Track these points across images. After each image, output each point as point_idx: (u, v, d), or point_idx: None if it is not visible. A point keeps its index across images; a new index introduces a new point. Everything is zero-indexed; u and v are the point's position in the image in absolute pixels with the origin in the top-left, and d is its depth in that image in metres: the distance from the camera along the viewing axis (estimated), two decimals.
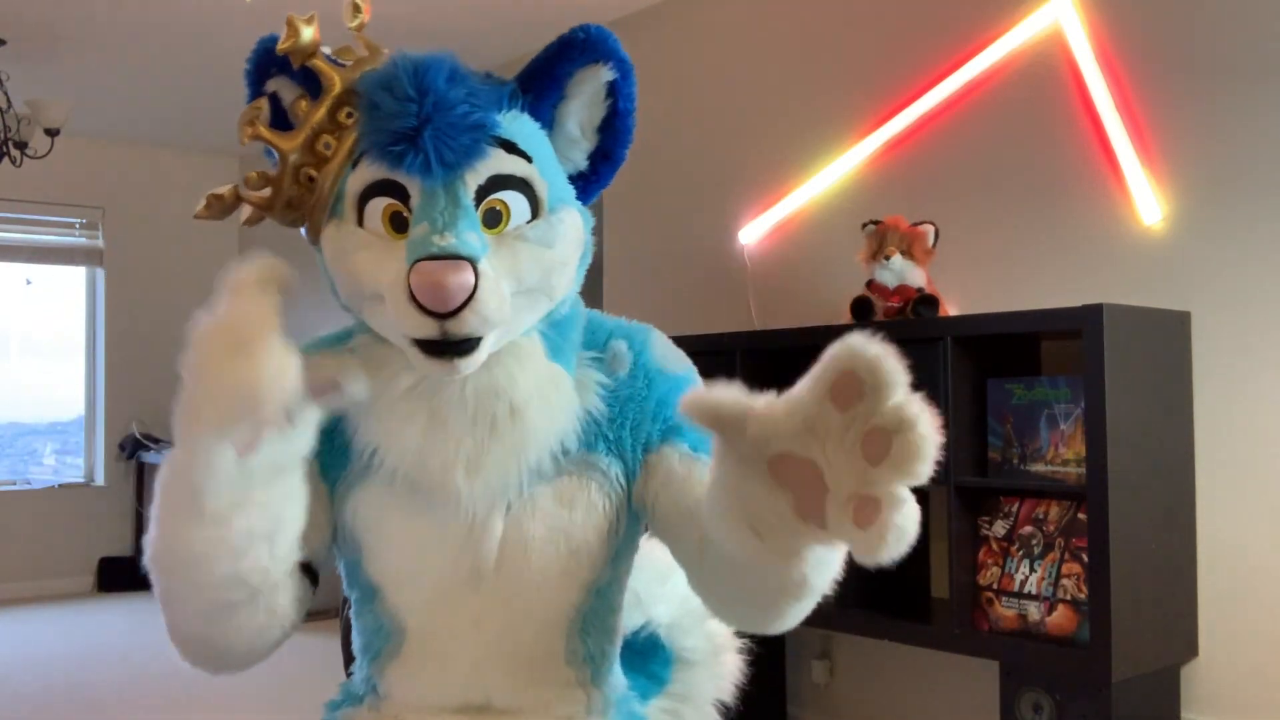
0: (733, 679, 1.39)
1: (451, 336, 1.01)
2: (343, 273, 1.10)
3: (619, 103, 1.17)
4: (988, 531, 2.58)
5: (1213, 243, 2.54)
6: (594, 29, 1.12)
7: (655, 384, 1.17)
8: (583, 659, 1.17)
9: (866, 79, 3.27)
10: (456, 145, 1.03)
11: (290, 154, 1.09)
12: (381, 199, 1.06)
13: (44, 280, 6.13)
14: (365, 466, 1.12)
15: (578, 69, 1.13)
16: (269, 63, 1.11)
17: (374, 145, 1.05)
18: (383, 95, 1.04)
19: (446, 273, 0.98)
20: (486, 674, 1.15)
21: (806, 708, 3.34)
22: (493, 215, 1.07)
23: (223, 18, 4.07)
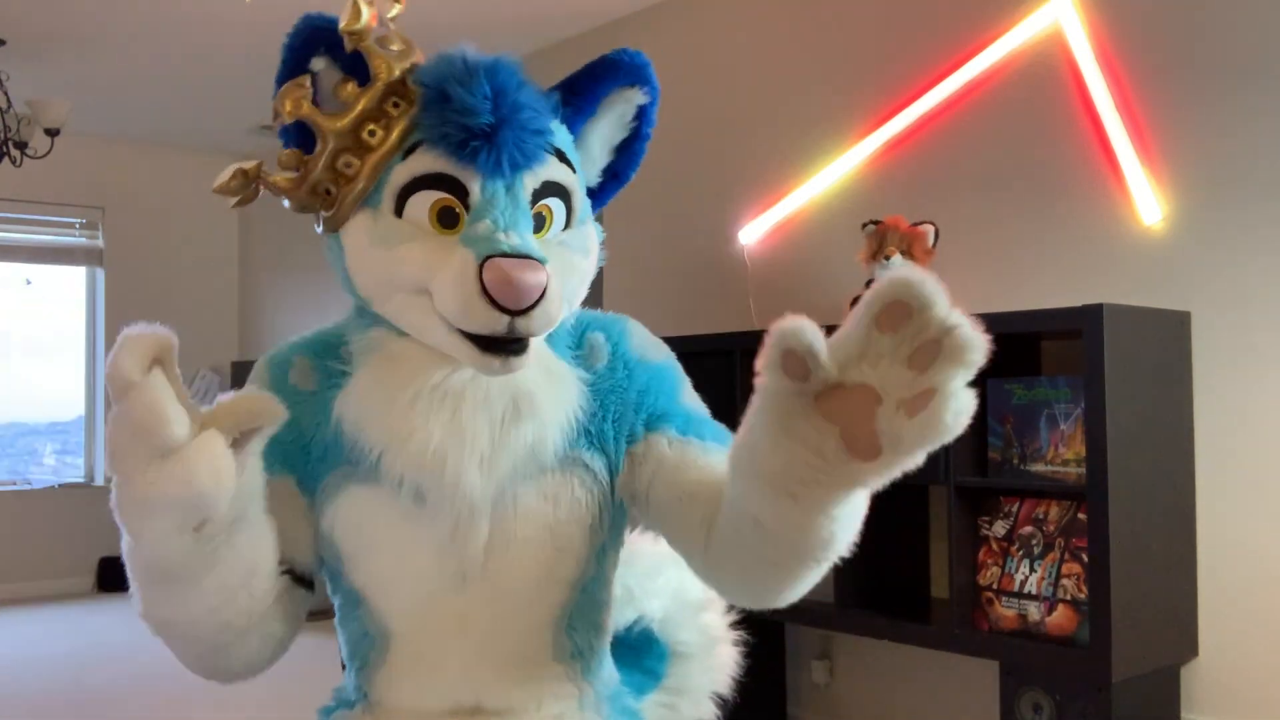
0: (728, 671, 1.39)
1: (517, 333, 1.01)
2: (380, 262, 1.07)
3: (642, 126, 1.20)
4: (988, 531, 2.58)
5: (1213, 243, 2.54)
6: (636, 54, 1.15)
7: (635, 374, 1.17)
8: (571, 655, 1.17)
9: (866, 79, 3.27)
10: (526, 148, 1.05)
11: (333, 137, 1.06)
12: (431, 192, 1.05)
13: (44, 280, 6.13)
14: (346, 474, 1.11)
15: (614, 89, 1.16)
16: (317, 40, 1.09)
17: (442, 137, 1.04)
18: (456, 88, 1.03)
19: (525, 271, 0.98)
20: (476, 675, 1.14)
21: (806, 708, 3.34)
22: (538, 220, 1.08)
23: (223, 18, 4.07)
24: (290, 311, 6.11)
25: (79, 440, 6.18)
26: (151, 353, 0.92)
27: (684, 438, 1.13)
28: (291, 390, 1.14)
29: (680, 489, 1.11)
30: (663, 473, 1.13)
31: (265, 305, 6.34)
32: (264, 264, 6.37)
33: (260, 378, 1.17)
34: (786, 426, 0.84)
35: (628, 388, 1.16)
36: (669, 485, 1.12)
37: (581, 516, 1.12)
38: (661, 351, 1.21)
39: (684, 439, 1.13)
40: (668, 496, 1.12)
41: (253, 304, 6.44)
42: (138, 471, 0.90)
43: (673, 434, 1.14)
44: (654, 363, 1.19)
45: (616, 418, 1.14)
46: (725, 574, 1.10)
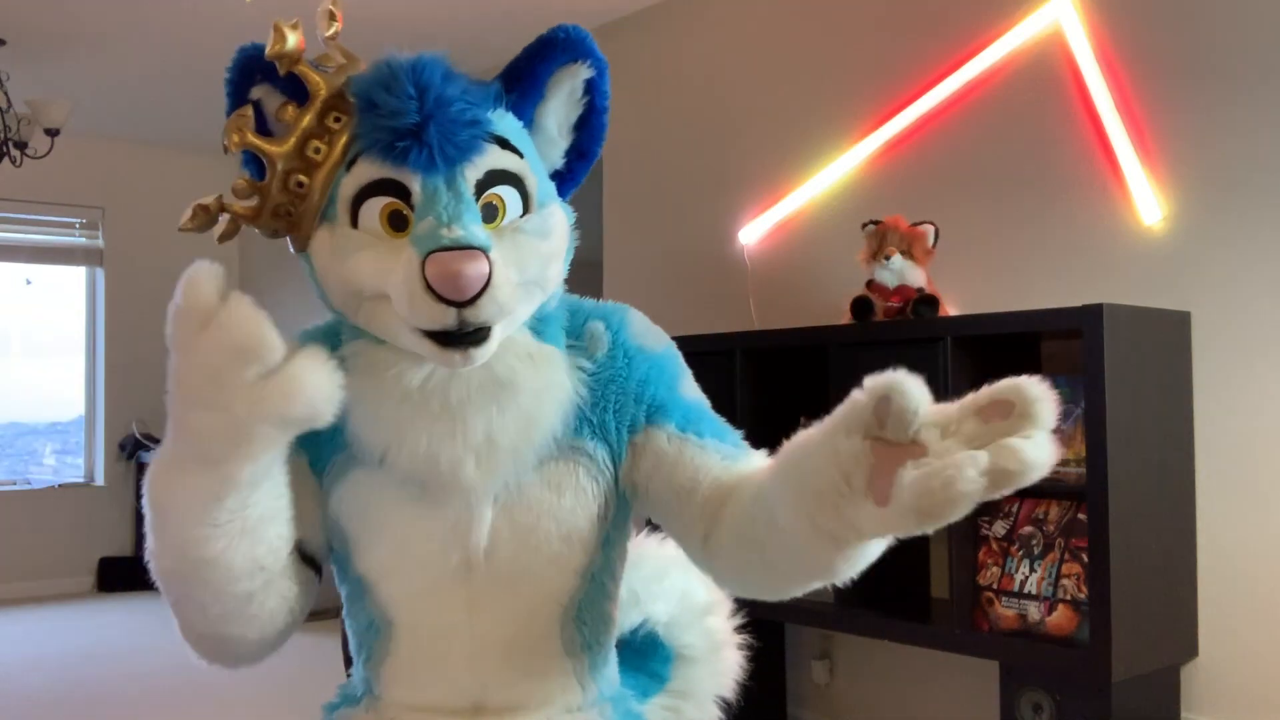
0: (733, 675, 1.40)
1: (468, 325, 1.02)
2: (340, 275, 1.09)
3: (595, 100, 1.18)
4: (988, 531, 2.58)
5: (1213, 243, 2.54)
6: (572, 29, 1.14)
7: (635, 363, 1.17)
8: (580, 648, 1.17)
9: (866, 79, 3.27)
10: (459, 140, 1.05)
11: (280, 160, 1.09)
12: (379, 199, 1.07)
13: (44, 280, 6.13)
14: (351, 456, 1.13)
15: (557, 68, 1.15)
16: (253, 69, 1.12)
17: (375, 143, 1.06)
18: (381, 94, 1.05)
19: (463, 261, 1.00)
20: (481, 668, 1.14)
21: (806, 708, 3.34)
22: (489, 210, 1.08)
23: (222, 18, 4.08)
24: (290, 311, 6.07)
25: (79, 440, 6.18)
26: (222, 281, 0.98)
27: (683, 434, 1.14)
28: None
29: (678, 485, 1.12)
30: (662, 468, 1.14)
31: (265, 305, 6.31)
32: (264, 264, 6.37)
33: None
34: (845, 435, 0.87)
35: (628, 377, 1.16)
36: (667, 480, 1.13)
37: (587, 504, 1.13)
38: (661, 340, 1.22)
39: (683, 436, 1.14)
40: (666, 492, 1.13)
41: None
42: (238, 395, 0.94)
43: (672, 429, 1.15)
44: (653, 352, 1.20)
45: (618, 407, 1.15)
46: (724, 565, 1.12)
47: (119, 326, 6.06)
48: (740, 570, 1.11)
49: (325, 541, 1.19)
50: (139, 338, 6.08)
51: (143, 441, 5.97)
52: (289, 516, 1.08)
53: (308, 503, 1.15)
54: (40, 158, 4.67)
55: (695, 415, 1.17)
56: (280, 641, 1.16)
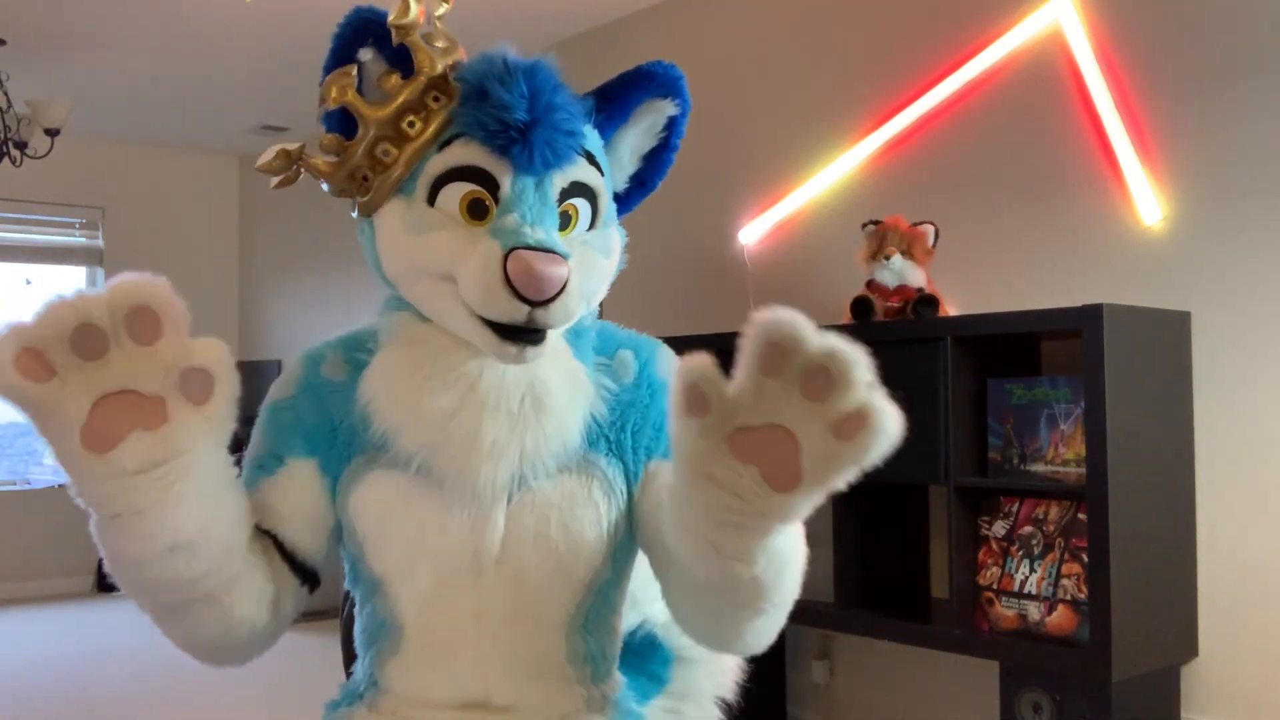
0: (733, 675, 1.40)
1: (535, 324, 1.04)
2: (410, 249, 1.11)
3: (671, 138, 1.23)
4: (988, 531, 2.58)
5: (1213, 243, 2.54)
6: (670, 66, 1.19)
7: (658, 396, 1.19)
8: (584, 658, 1.18)
9: (866, 79, 3.27)
10: (558, 147, 1.08)
11: (374, 125, 1.10)
12: (463, 184, 1.09)
13: (44, 280, 6.13)
14: (370, 459, 1.14)
15: (647, 99, 1.20)
16: (365, 33, 1.12)
17: (479, 131, 1.08)
18: (495, 85, 1.07)
19: (548, 264, 1.02)
20: (486, 670, 1.15)
21: (806, 708, 3.34)
22: (564, 218, 1.12)
23: (223, 18, 4.08)
24: (290, 311, 6.11)
25: None
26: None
27: None
28: (323, 381, 1.19)
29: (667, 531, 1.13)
30: (662, 509, 1.13)
31: (265, 305, 6.34)
32: (264, 264, 6.37)
33: (295, 371, 1.22)
34: (701, 470, 0.87)
35: (649, 406, 1.19)
36: (660, 524, 1.13)
37: (598, 518, 1.14)
38: None
39: None
40: (656, 533, 1.14)
41: (253, 304, 6.44)
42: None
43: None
44: None
45: (635, 430, 1.17)
46: (682, 621, 1.15)
47: None
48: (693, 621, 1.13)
49: (324, 546, 1.19)
50: None
51: None
52: (211, 551, 1.04)
53: (305, 506, 1.16)
54: (40, 158, 4.67)
55: None
56: (251, 649, 1.16)
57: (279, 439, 1.19)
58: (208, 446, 0.99)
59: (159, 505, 0.96)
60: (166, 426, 0.94)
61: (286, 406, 1.20)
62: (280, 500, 1.17)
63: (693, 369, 0.85)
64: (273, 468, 1.18)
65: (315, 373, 1.20)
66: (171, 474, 0.96)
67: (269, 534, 1.16)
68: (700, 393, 0.84)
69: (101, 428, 0.93)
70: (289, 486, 1.17)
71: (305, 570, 1.18)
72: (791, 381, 0.82)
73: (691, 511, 0.90)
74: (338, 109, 1.10)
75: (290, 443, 1.18)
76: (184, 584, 1.03)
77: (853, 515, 2.77)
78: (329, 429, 1.17)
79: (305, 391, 1.20)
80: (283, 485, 1.17)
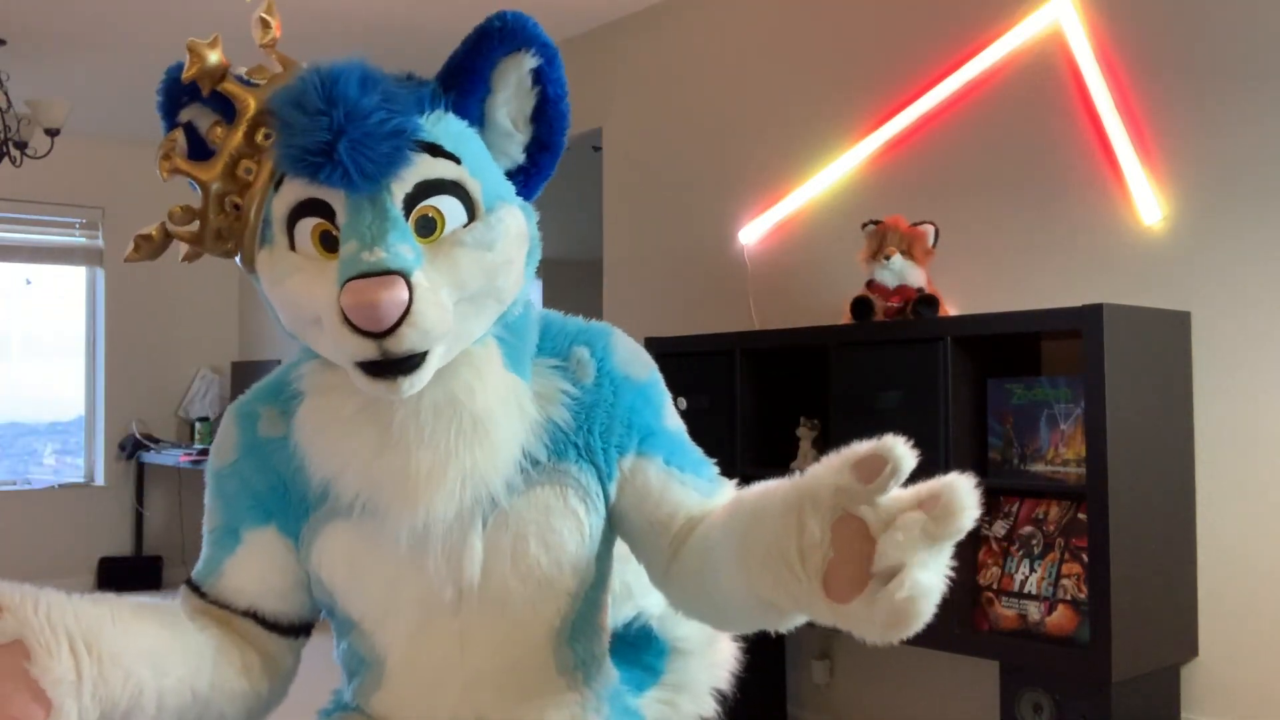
0: (728, 667, 1.39)
1: (391, 355, 0.97)
2: (279, 299, 1.06)
3: (547, 89, 1.10)
4: (988, 531, 2.58)
5: (1213, 243, 2.54)
6: (510, 15, 1.06)
7: (622, 391, 1.15)
8: (573, 666, 1.17)
9: (866, 79, 3.26)
10: (376, 155, 0.98)
11: (211, 183, 1.05)
12: (309, 219, 1.02)
13: (44, 280, 6.12)
14: (327, 510, 1.11)
15: (499, 59, 1.08)
16: (180, 91, 1.08)
17: (291, 163, 1.00)
18: (293, 112, 0.99)
19: (378, 290, 0.94)
20: (476, 697, 1.13)
21: (806, 708, 3.34)
22: (426, 223, 1.02)
23: (222, 18, 4.07)
24: None
25: (79, 440, 6.18)
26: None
27: (668, 469, 1.14)
28: (263, 441, 1.15)
29: (657, 519, 1.13)
30: (646, 502, 1.14)
31: (265, 305, 6.33)
32: None
33: (230, 432, 1.17)
34: (805, 515, 0.87)
35: (615, 404, 1.14)
36: (646, 514, 1.14)
37: (577, 526, 1.11)
38: (646, 367, 1.19)
39: (668, 470, 1.14)
40: (643, 523, 1.14)
41: (253, 304, 6.44)
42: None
43: (660, 463, 1.14)
44: (640, 380, 1.17)
45: (604, 431, 1.13)
46: (678, 597, 1.15)
47: (119, 326, 6.06)
48: (690, 605, 1.14)
49: (305, 601, 1.17)
50: (139, 338, 6.08)
51: (143, 441, 5.97)
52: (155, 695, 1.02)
53: (276, 577, 1.14)
54: (40, 158, 4.66)
55: (679, 448, 1.17)
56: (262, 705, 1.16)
57: (230, 511, 1.16)
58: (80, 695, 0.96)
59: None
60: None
61: (230, 473, 1.16)
62: (247, 579, 1.14)
63: (894, 450, 0.84)
64: (231, 545, 1.14)
65: (253, 431, 1.16)
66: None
67: (248, 613, 1.15)
68: (879, 469, 0.84)
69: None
70: (251, 562, 1.13)
71: (295, 628, 1.18)
72: (917, 534, 0.83)
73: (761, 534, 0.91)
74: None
75: (242, 514, 1.14)
76: (187, 700, 1.05)
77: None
78: (279, 488, 1.13)
79: (247, 454, 1.15)
80: (245, 562, 1.14)
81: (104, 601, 1.02)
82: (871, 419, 2.70)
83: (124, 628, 1.00)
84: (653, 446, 1.15)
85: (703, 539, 1.07)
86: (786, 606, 0.93)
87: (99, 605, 1.01)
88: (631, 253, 4.01)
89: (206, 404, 6.22)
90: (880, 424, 2.90)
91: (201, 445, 5.80)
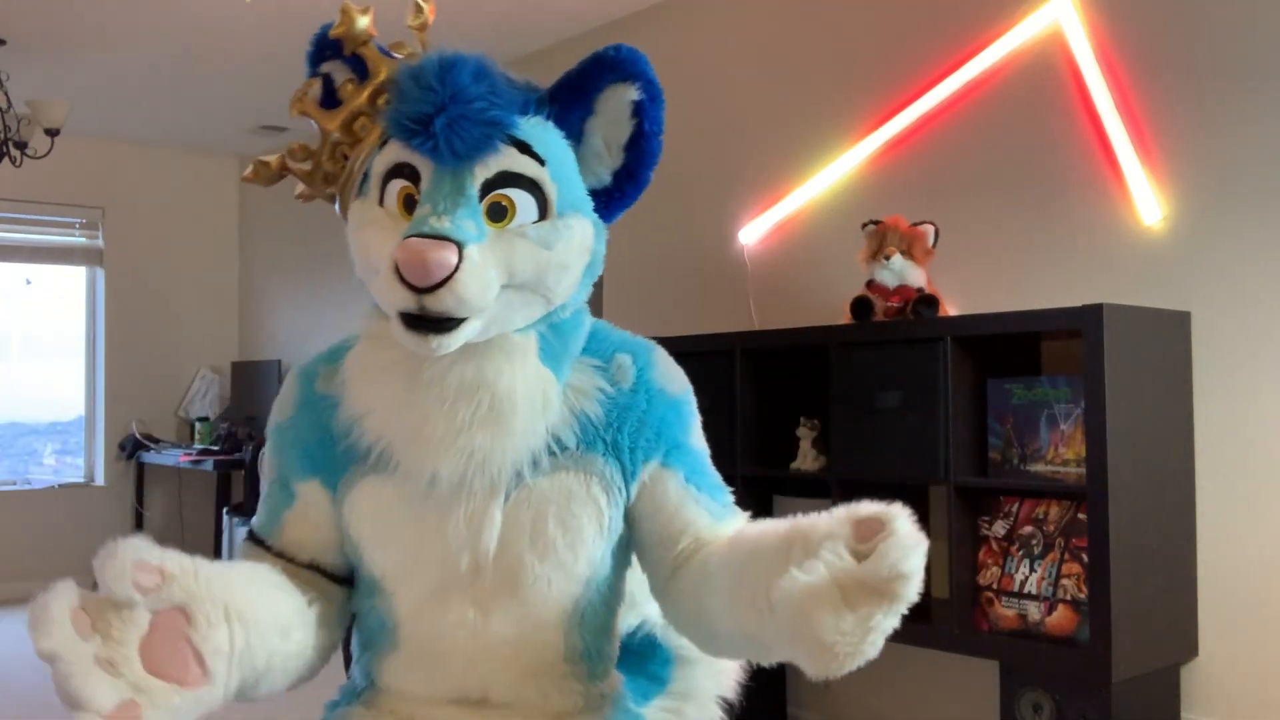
0: (734, 675, 1.40)
1: (428, 312, 1.05)
2: (354, 245, 1.16)
3: (644, 123, 1.19)
4: (988, 531, 2.58)
5: (1213, 243, 2.54)
6: (626, 49, 1.16)
7: (655, 403, 1.21)
8: (580, 655, 1.19)
9: (866, 79, 3.26)
10: (467, 136, 1.07)
11: (330, 131, 1.16)
12: (399, 180, 1.12)
13: (44, 280, 6.12)
14: (365, 465, 1.16)
15: (606, 85, 1.17)
16: (327, 46, 1.18)
17: (395, 127, 1.10)
18: (409, 82, 1.09)
19: (429, 250, 1.02)
20: (484, 668, 1.16)
21: (806, 708, 3.34)
22: (498, 209, 1.10)
23: (223, 18, 4.07)
24: (290, 311, 6.10)
25: (79, 440, 6.18)
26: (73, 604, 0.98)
27: (686, 486, 1.19)
28: (318, 396, 1.22)
29: (667, 533, 1.18)
30: (661, 515, 1.18)
31: (265, 305, 6.34)
32: (264, 264, 6.37)
33: (291, 389, 1.25)
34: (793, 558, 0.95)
35: (647, 411, 1.20)
36: (660, 526, 1.18)
37: (596, 515, 1.15)
38: (681, 384, 1.26)
39: (686, 487, 1.19)
40: (654, 534, 1.19)
41: (253, 304, 6.44)
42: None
43: (681, 479, 1.19)
44: (674, 396, 1.23)
45: (632, 433, 1.18)
46: (672, 614, 1.21)
47: (119, 326, 6.06)
48: (681, 622, 1.20)
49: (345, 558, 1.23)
50: (139, 338, 6.08)
51: (142, 441, 5.97)
52: (276, 627, 1.10)
53: (327, 530, 1.20)
54: (40, 158, 4.67)
55: (700, 468, 1.22)
56: (332, 652, 1.23)
57: (285, 463, 1.23)
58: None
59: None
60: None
61: (288, 427, 1.24)
62: (305, 532, 1.21)
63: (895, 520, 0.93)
64: (288, 500, 1.22)
65: (310, 388, 1.24)
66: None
67: (310, 565, 1.21)
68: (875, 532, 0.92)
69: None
70: (306, 516, 1.21)
71: (351, 578, 1.24)
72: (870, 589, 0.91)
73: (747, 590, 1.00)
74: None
75: (294, 466, 1.22)
76: (299, 653, 1.13)
77: None
78: (329, 443, 1.20)
79: (303, 409, 1.23)
80: (301, 516, 1.21)
81: (245, 570, 1.13)
82: (871, 419, 2.70)
83: (264, 597, 1.10)
84: (676, 461, 1.20)
85: (703, 564, 1.12)
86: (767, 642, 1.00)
87: (244, 574, 1.11)
88: (631, 252, 4.01)
89: (206, 404, 6.22)
90: (880, 424, 2.91)
91: (201, 445, 5.80)
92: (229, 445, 5.59)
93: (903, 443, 2.64)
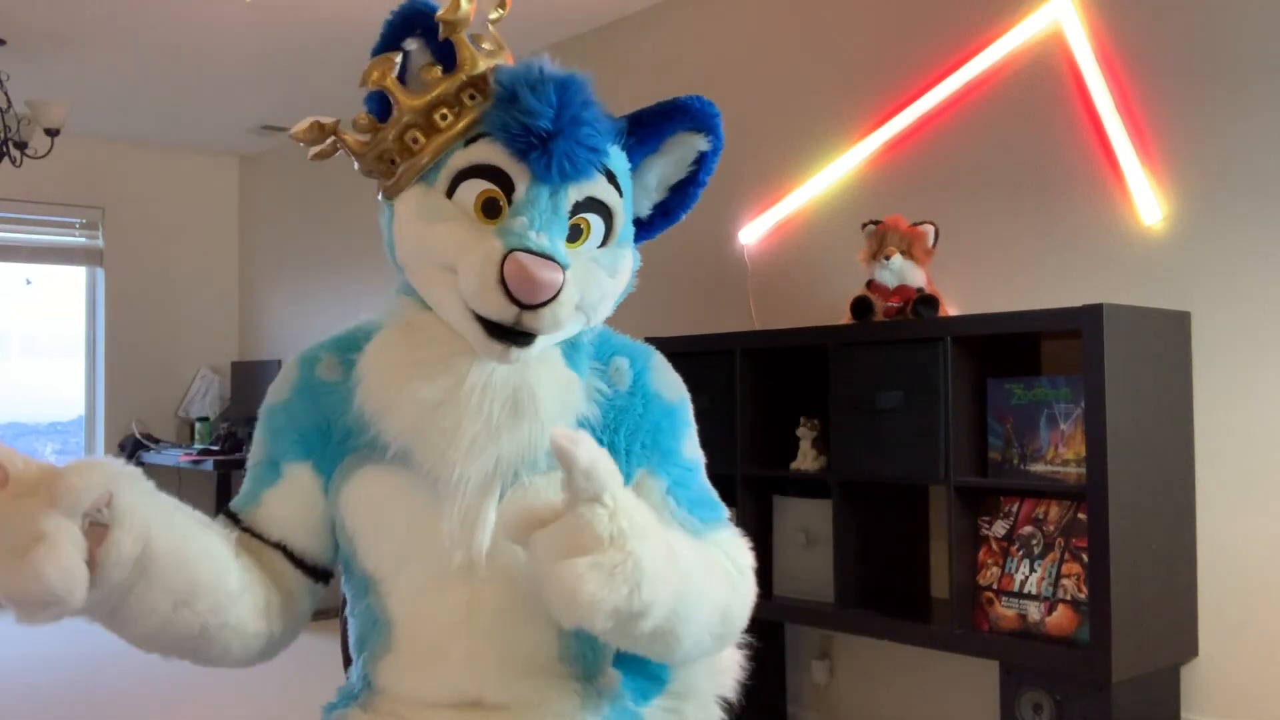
0: (734, 674, 1.40)
1: (523, 327, 1.07)
2: (420, 236, 1.14)
3: (699, 173, 1.27)
4: (988, 531, 2.58)
5: (1213, 243, 2.54)
6: (709, 103, 1.23)
7: (651, 408, 1.22)
8: (576, 655, 1.19)
9: (866, 79, 3.27)
10: (576, 160, 1.10)
11: (407, 112, 1.13)
12: (481, 182, 1.12)
13: (44, 280, 6.13)
14: (362, 456, 1.16)
15: (679, 131, 1.23)
16: (416, 22, 1.16)
17: (502, 133, 1.10)
18: (525, 91, 1.09)
19: (543, 269, 1.04)
20: (479, 667, 1.16)
21: (806, 708, 3.34)
22: (575, 230, 1.14)
23: (223, 18, 4.07)
24: (290, 311, 6.10)
25: (79, 440, 6.18)
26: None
27: (665, 498, 1.20)
28: (317, 382, 1.22)
29: None
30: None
31: (265, 305, 6.34)
32: (264, 264, 6.37)
33: (290, 373, 1.25)
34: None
35: (643, 416, 1.21)
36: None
37: None
38: (678, 391, 1.27)
39: (664, 500, 1.20)
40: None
41: (253, 304, 6.44)
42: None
43: (661, 490, 1.20)
44: (670, 402, 1.25)
45: (629, 434, 1.20)
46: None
47: (119, 326, 6.06)
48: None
49: (330, 544, 1.22)
50: (139, 338, 6.08)
51: (143, 441, 5.97)
52: (206, 592, 1.09)
53: (308, 511, 1.19)
54: (40, 158, 4.67)
55: (685, 481, 1.23)
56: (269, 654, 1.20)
57: (275, 444, 1.22)
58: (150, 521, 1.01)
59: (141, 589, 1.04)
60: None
61: (281, 409, 1.23)
62: (283, 510, 1.20)
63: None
64: (272, 478, 1.21)
65: (310, 374, 1.23)
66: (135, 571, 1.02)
67: (278, 545, 1.19)
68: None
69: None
70: (289, 494, 1.20)
71: (317, 570, 1.22)
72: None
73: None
74: (376, 92, 1.14)
75: (285, 447, 1.21)
76: (194, 631, 1.09)
77: (853, 515, 2.77)
78: (323, 429, 1.20)
79: (300, 393, 1.23)
80: (283, 493, 1.20)
81: (189, 514, 1.10)
82: (871, 419, 2.70)
83: (194, 545, 1.07)
84: (663, 470, 1.21)
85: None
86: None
87: (187, 515, 1.10)
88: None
89: (206, 404, 6.22)
90: (880, 424, 2.91)
91: (201, 445, 5.80)
92: (229, 445, 5.59)
93: (903, 443, 2.64)
